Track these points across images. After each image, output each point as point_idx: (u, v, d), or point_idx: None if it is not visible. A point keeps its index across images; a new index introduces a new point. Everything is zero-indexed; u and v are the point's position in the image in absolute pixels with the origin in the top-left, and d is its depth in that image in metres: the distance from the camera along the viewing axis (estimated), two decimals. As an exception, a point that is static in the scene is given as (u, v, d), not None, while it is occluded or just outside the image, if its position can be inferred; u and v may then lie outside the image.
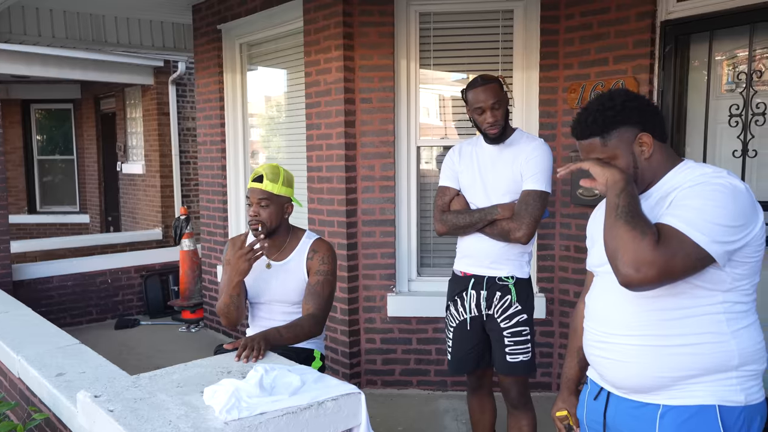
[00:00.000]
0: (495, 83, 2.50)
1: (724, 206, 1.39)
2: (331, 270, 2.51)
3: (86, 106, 9.90)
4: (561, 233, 3.79)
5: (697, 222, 1.38)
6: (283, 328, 2.25)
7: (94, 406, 1.64)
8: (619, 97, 1.56)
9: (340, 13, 3.79)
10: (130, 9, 5.49)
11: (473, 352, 2.65)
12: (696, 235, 1.37)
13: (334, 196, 3.96)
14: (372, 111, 3.88)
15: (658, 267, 1.35)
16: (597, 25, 3.53)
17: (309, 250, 2.55)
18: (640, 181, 1.57)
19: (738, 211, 1.40)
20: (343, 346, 4.02)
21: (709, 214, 1.38)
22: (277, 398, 1.62)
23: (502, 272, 2.56)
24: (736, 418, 1.45)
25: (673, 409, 1.48)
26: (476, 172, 2.62)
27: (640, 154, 1.55)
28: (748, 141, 3.08)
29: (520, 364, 2.54)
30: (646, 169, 1.56)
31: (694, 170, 1.53)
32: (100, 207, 9.86)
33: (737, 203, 1.40)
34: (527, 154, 2.52)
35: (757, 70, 3.07)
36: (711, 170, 1.50)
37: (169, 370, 1.89)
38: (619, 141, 1.54)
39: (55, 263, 5.82)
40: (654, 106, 1.59)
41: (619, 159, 1.55)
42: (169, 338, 5.41)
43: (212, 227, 5.40)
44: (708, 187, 1.43)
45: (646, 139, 1.54)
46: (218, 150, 5.20)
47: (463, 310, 2.64)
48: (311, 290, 2.46)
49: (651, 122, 1.55)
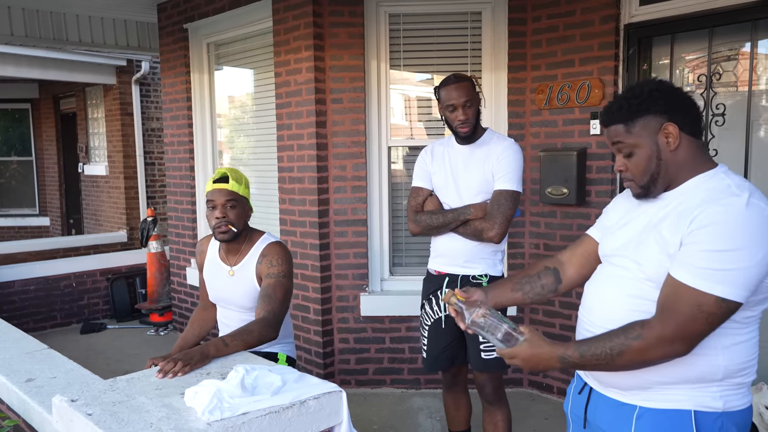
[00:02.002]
0: (467, 82, 2.55)
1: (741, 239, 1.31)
2: (283, 272, 2.38)
3: (45, 105, 9.64)
4: (531, 231, 3.86)
5: (712, 272, 1.31)
6: (229, 337, 2.08)
7: (71, 411, 1.62)
8: (648, 86, 1.49)
9: (310, 13, 3.79)
10: (93, 7, 5.37)
11: (448, 350, 2.68)
12: (715, 288, 1.31)
13: (305, 197, 3.96)
14: (343, 111, 3.89)
15: (679, 340, 1.33)
16: (563, 27, 3.62)
17: (259, 255, 2.43)
18: (663, 175, 1.48)
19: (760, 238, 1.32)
20: (316, 346, 4.02)
21: (727, 257, 1.31)
22: (259, 398, 1.62)
23: (476, 271, 2.60)
24: (712, 423, 1.42)
25: (649, 411, 1.47)
26: (449, 173, 2.65)
27: (665, 146, 1.46)
28: (709, 141, 3.20)
29: (494, 361, 2.57)
30: (670, 163, 1.47)
31: (719, 184, 1.43)
32: (61, 209, 9.61)
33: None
34: (498, 154, 2.56)
35: (716, 72, 3.19)
36: (734, 188, 1.40)
37: (146, 373, 1.87)
38: (642, 129, 1.47)
39: (17, 267, 5.66)
40: (690, 99, 1.49)
41: (641, 148, 1.48)
42: (137, 342, 5.31)
43: (180, 229, 5.33)
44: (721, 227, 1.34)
45: (671, 130, 1.45)
46: (186, 150, 5.13)
47: (438, 309, 2.67)
48: (263, 293, 2.33)
49: (681, 113, 1.45)
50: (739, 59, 3.14)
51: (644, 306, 1.45)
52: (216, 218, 2.36)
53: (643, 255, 1.47)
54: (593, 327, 1.56)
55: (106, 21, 5.70)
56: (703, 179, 1.46)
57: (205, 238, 2.66)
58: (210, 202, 2.37)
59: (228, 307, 2.54)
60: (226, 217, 2.35)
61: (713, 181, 1.44)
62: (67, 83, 8.37)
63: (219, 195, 2.35)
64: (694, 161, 1.48)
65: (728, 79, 3.18)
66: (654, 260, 1.44)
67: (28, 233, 9.61)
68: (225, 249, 2.50)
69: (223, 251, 2.52)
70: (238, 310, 2.50)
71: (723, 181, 1.43)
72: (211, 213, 2.37)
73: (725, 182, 1.42)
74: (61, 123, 9.50)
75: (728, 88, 3.19)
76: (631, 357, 1.39)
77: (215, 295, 2.56)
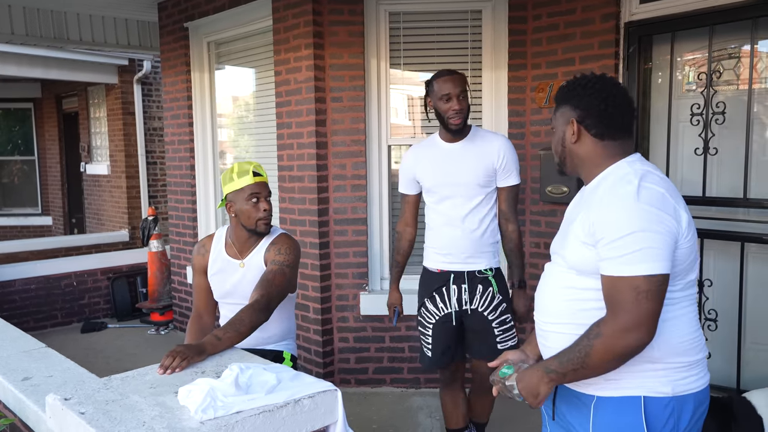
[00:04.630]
0: (462, 75, 2.64)
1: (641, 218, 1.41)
2: (288, 261, 2.41)
3: (47, 105, 9.66)
4: (531, 230, 3.84)
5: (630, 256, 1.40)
6: (221, 331, 2.05)
7: (65, 409, 1.61)
8: (582, 80, 1.62)
9: (310, 11, 3.78)
10: (93, 6, 5.37)
11: (452, 347, 2.73)
12: (637, 268, 1.39)
13: (305, 195, 3.95)
14: (343, 110, 3.89)
15: (635, 326, 1.39)
16: (563, 25, 3.60)
17: (270, 243, 2.51)
18: (569, 161, 1.66)
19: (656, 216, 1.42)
20: (316, 345, 4.01)
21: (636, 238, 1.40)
22: (253, 397, 1.61)
23: (480, 265, 2.65)
24: (663, 408, 1.48)
25: (604, 400, 1.52)
26: (441, 171, 2.67)
27: (570, 137, 1.62)
28: (709, 139, 3.18)
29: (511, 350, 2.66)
30: (573, 154, 1.63)
31: (607, 181, 1.56)
32: (63, 209, 9.63)
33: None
34: (501, 151, 2.64)
35: (716, 71, 3.17)
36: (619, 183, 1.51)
37: (141, 372, 1.87)
38: (561, 116, 1.65)
39: (18, 266, 5.67)
40: (607, 103, 1.58)
41: (555, 130, 1.67)
42: (137, 341, 5.31)
43: (181, 228, 5.33)
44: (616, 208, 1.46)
45: (574, 127, 1.60)
46: (186, 150, 5.13)
47: (444, 306, 2.69)
48: (262, 278, 2.34)
49: (591, 115, 1.58)
50: (739, 57, 3.12)
51: (575, 294, 1.55)
52: (264, 210, 2.44)
53: (566, 248, 1.58)
54: (542, 324, 1.65)
55: (107, 20, 5.70)
56: (608, 172, 1.58)
57: (206, 239, 2.64)
58: (253, 195, 2.43)
59: (239, 301, 2.52)
60: (270, 208, 2.46)
61: (614, 174, 1.56)
62: (69, 83, 8.38)
63: (263, 188, 2.45)
64: (597, 158, 1.60)
65: (729, 77, 3.16)
66: (573, 251, 1.54)
67: (31, 233, 9.63)
68: (242, 243, 2.52)
69: (237, 245, 2.53)
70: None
71: (622, 170, 1.55)
72: (255, 206, 2.43)
73: (623, 171, 1.54)
74: (63, 122, 9.51)
75: (729, 86, 3.17)
76: (600, 356, 1.43)
77: (225, 291, 2.55)
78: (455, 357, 2.76)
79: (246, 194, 2.44)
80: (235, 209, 2.47)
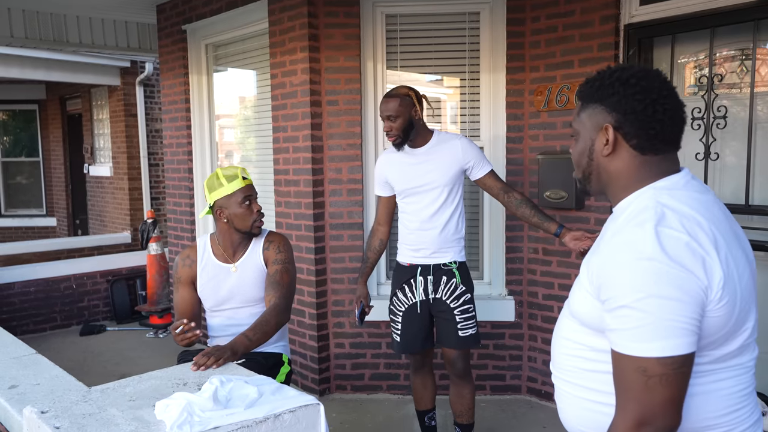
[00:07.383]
0: (396, 98, 2.76)
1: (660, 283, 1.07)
2: (288, 258, 2.52)
3: (52, 106, 9.68)
4: (530, 236, 3.79)
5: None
6: (250, 331, 2.19)
7: (39, 423, 1.59)
8: (624, 73, 1.24)
9: (305, 14, 3.75)
10: (92, 8, 5.36)
11: (421, 333, 2.94)
12: (646, 348, 1.07)
13: (301, 200, 3.92)
14: (339, 113, 3.85)
15: (649, 419, 1.07)
16: (562, 28, 3.55)
17: (264, 241, 2.55)
18: (596, 177, 1.30)
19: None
20: (312, 351, 3.97)
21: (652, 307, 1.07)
22: (231, 411, 1.58)
23: (445, 259, 2.87)
24: None
25: None
26: (406, 176, 2.85)
27: (600, 147, 1.26)
28: (710, 144, 3.12)
29: (470, 338, 2.87)
30: (602, 168, 1.28)
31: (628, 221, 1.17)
32: (67, 210, 9.65)
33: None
34: (462, 149, 2.81)
35: (717, 74, 3.11)
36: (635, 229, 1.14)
37: (122, 383, 1.84)
38: (588, 118, 1.28)
39: (17, 269, 5.67)
40: (652, 108, 1.20)
41: (579, 138, 1.31)
42: (136, 344, 5.30)
43: (179, 231, 5.31)
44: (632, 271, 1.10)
45: (610, 134, 1.23)
46: (185, 152, 5.11)
47: (412, 295, 2.91)
48: (271, 280, 2.44)
49: (633, 120, 1.21)
50: (741, 60, 3.06)
51: (583, 353, 1.25)
52: (258, 211, 2.49)
53: (573, 293, 1.28)
54: (555, 378, 1.38)
55: (107, 22, 5.68)
56: (632, 200, 1.23)
57: (189, 250, 2.62)
58: (247, 198, 2.47)
59: (236, 306, 2.53)
60: (260, 209, 2.51)
61: (634, 206, 1.20)
62: (72, 84, 8.39)
63: (252, 190, 2.51)
64: (629, 178, 1.24)
65: (730, 80, 3.10)
66: (578, 299, 1.24)
67: (35, 234, 9.66)
68: (234, 247, 2.54)
69: (230, 250, 2.54)
70: (249, 305, 2.53)
71: (642, 202, 1.18)
72: (248, 208, 2.47)
73: (642, 204, 1.17)
74: (67, 124, 9.53)
75: (730, 89, 3.11)
76: None
77: (220, 298, 2.53)
78: (425, 345, 2.96)
79: (239, 198, 2.46)
80: (228, 214, 2.47)
